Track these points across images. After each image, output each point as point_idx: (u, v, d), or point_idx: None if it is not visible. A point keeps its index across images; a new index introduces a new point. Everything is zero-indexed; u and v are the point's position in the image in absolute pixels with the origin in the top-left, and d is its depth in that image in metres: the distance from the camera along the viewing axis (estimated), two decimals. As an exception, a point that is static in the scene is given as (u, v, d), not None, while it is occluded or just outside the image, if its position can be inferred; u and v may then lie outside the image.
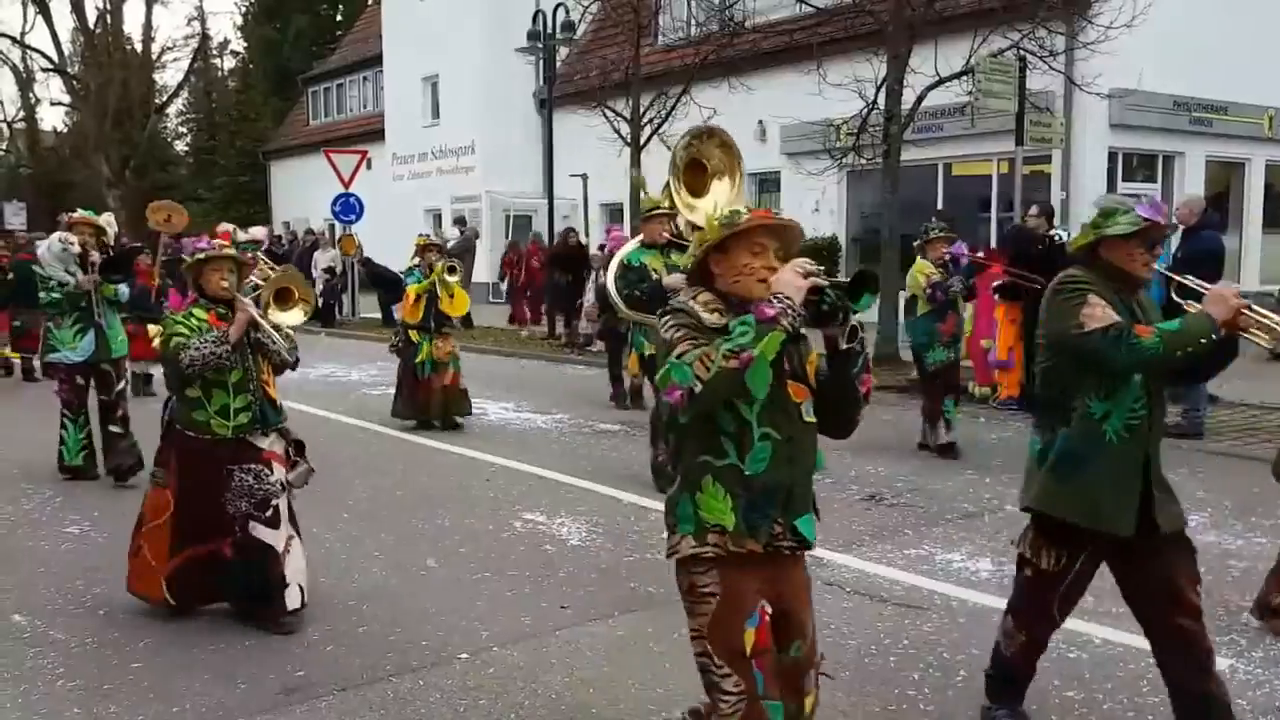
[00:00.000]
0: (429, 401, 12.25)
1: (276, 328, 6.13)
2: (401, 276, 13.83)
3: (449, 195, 32.63)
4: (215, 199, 46.05)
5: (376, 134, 36.45)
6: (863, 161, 17.76)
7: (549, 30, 22.93)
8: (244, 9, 53.09)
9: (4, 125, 61.40)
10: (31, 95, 58.74)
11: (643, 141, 20.65)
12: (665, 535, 3.81)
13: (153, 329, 6.07)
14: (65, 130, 59.56)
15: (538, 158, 27.61)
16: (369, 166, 27.11)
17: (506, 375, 16.99)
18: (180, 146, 59.47)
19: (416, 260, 12.48)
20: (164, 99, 55.90)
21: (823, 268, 3.63)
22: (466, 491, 9.33)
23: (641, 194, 9.33)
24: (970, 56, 15.89)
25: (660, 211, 8.86)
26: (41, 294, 9.50)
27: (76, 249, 9.38)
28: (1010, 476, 9.40)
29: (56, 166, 56.40)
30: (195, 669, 5.51)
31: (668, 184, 8.45)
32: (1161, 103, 19.69)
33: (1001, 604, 6.31)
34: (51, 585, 6.86)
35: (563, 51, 26.16)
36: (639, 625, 6.10)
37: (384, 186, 33.80)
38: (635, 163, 20.60)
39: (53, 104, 68.08)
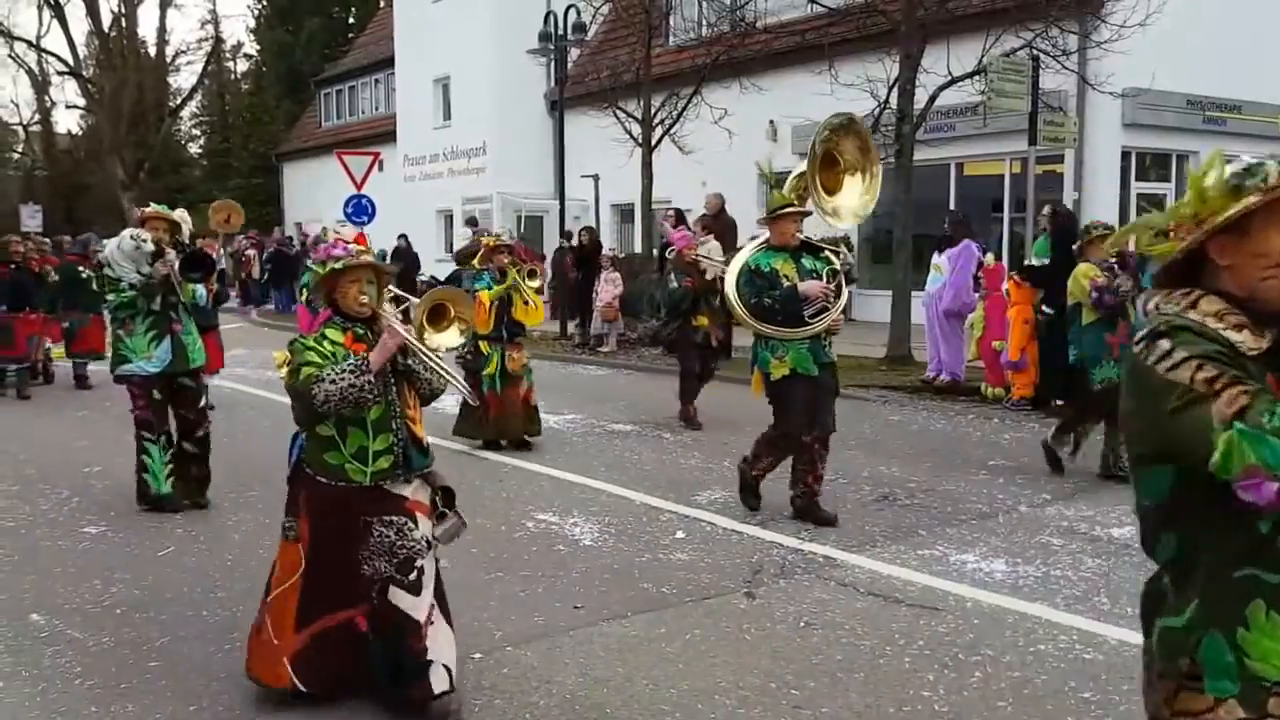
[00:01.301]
0: (501, 419, 11.08)
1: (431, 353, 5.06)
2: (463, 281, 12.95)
3: (460, 196, 32.64)
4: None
5: (388, 135, 36.49)
6: (874, 162, 17.70)
7: (560, 31, 22.97)
8: (257, 12, 53.28)
9: (20, 128, 61.60)
10: (47, 98, 59.02)
11: (654, 142, 20.66)
12: (1152, 671, 2.56)
13: (278, 356, 4.83)
14: (80, 133, 59.74)
15: (549, 159, 27.67)
16: (381, 168, 27.06)
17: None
18: (194, 149, 59.67)
19: (480, 262, 11.30)
20: (178, 102, 56.09)
21: None
22: (479, 492, 9.32)
23: (768, 189, 8.26)
24: (983, 56, 15.86)
25: (792, 210, 7.99)
26: (110, 296, 8.39)
27: (150, 246, 8.32)
28: (1024, 477, 9.44)
29: (72, 169, 56.58)
30: (212, 668, 5.53)
31: (796, 177, 8.11)
32: (1175, 102, 19.64)
33: (1015, 604, 6.36)
34: (69, 585, 6.88)
35: (574, 52, 26.19)
36: (652, 625, 6.10)
37: (396, 188, 33.83)
38: (647, 164, 20.62)
39: (68, 107, 68.45)
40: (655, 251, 19.83)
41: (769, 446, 8.37)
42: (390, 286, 5.30)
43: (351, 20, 52.04)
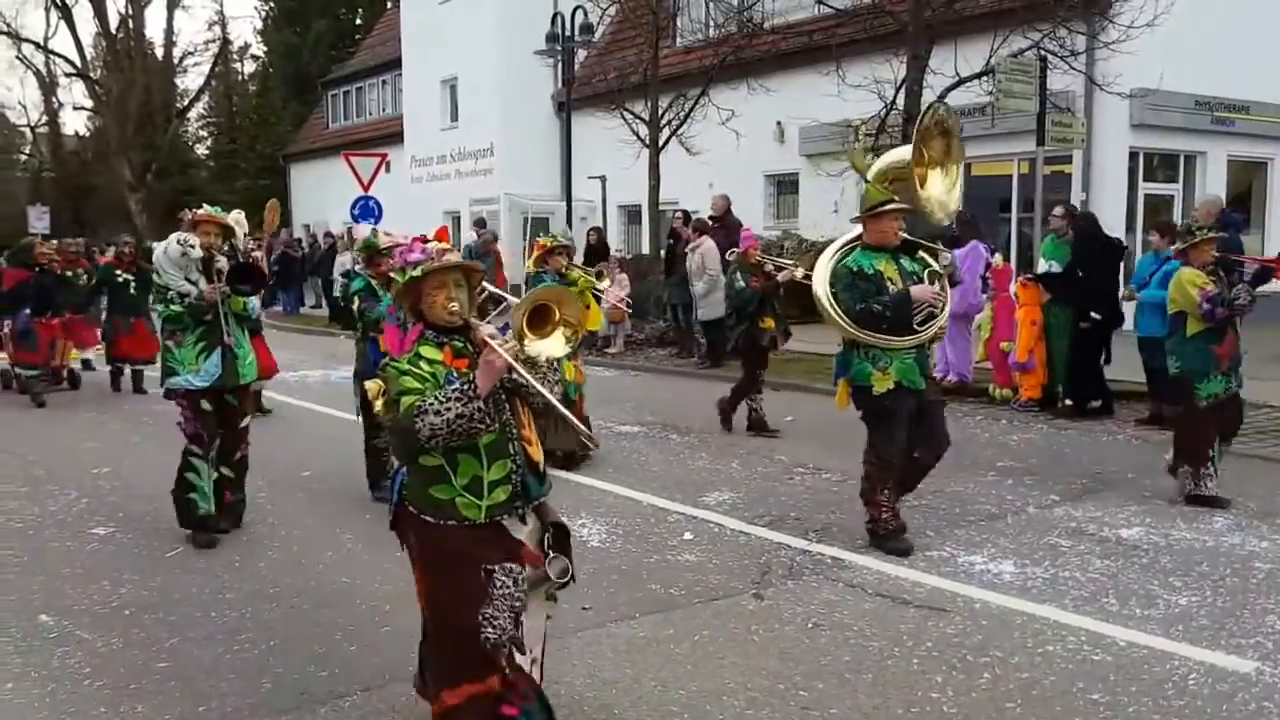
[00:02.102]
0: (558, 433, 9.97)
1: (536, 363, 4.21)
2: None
3: (467, 197, 32.67)
4: (235, 202, 46.03)
5: (395, 137, 36.51)
6: (882, 163, 17.70)
7: (567, 32, 22.97)
8: (264, 14, 53.29)
9: (28, 130, 61.79)
10: (54, 100, 59.18)
11: (661, 143, 20.66)
12: None
13: (371, 386, 4.34)
14: (87, 134, 59.85)
15: (556, 160, 27.66)
16: (388, 169, 27.10)
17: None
18: (201, 150, 59.71)
19: (536, 265, 10.69)
20: (185, 103, 56.20)
21: None
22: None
23: (863, 183, 7.69)
24: (990, 57, 15.85)
25: (894, 206, 7.34)
26: (158, 306, 7.87)
27: (198, 253, 7.75)
28: (1032, 479, 9.42)
29: (79, 170, 56.71)
30: (220, 669, 5.55)
31: (882, 171, 7.78)
32: (1183, 102, 19.60)
33: (1023, 605, 6.36)
34: (78, 586, 6.90)
35: (581, 54, 26.19)
36: (660, 627, 6.11)
37: (403, 189, 33.87)
38: (654, 165, 20.61)
39: (75, 108, 68.53)
40: (662, 253, 19.83)
41: (878, 476, 7.55)
42: (485, 284, 4.68)
43: (359, 21, 52.03)
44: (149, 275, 15.17)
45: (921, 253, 7.55)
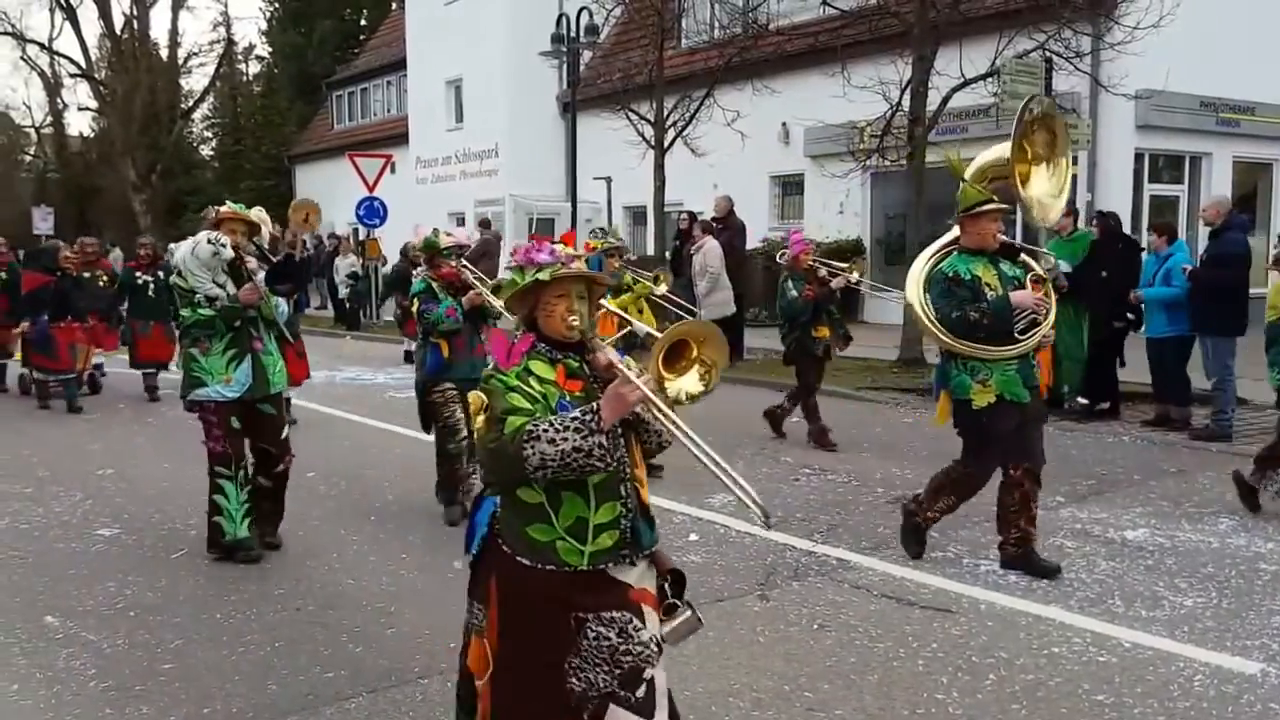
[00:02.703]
0: None
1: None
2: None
3: (473, 198, 32.68)
4: (241, 203, 46.20)
5: (400, 138, 36.54)
6: (886, 163, 17.72)
7: (572, 33, 22.96)
8: (269, 14, 53.31)
9: (32, 131, 61.93)
10: (59, 101, 59.31)
11: (667, 145, 20.66)
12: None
13: (474, 399, 3.69)
14: (92, 135, 59.92)
15: (561, 161, 27.66)
16: (393, 170, 27.15)
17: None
18: (206, 151, 59.69)
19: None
20: (190, 104, 56.20)
21: None
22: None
23: (961, 183, 7.11)
24: (995, 58, 15.84)
25: (993, 206, 6.85)
26: (184, 311, 7.17)
27: (229, 252, 7.17)
28: (1038, 479, 9.38)
29: (84, 171, 56.79)
30: (225, 670, 5.54)
31: (981, 169, 7.24)
32: (1188, 103, 19.59)
33: (1029, 607, 6.35)
34: (83, 587, 6.89)
35: (586, 55, 26.18)
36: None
37: (408, 190, 33.89)
38: (659, 166, 20.60)
39: (80, 109, 68.77)
40: (668, 254, 19.82)
41: (955, 486, 7.25)
42: (603, 300, 4.25)
43: (363, 22, 52.07)
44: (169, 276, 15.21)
45: (1023, 256, 7.17)
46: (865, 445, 10.82)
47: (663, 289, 10.65)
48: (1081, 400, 12.32)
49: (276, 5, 52.11)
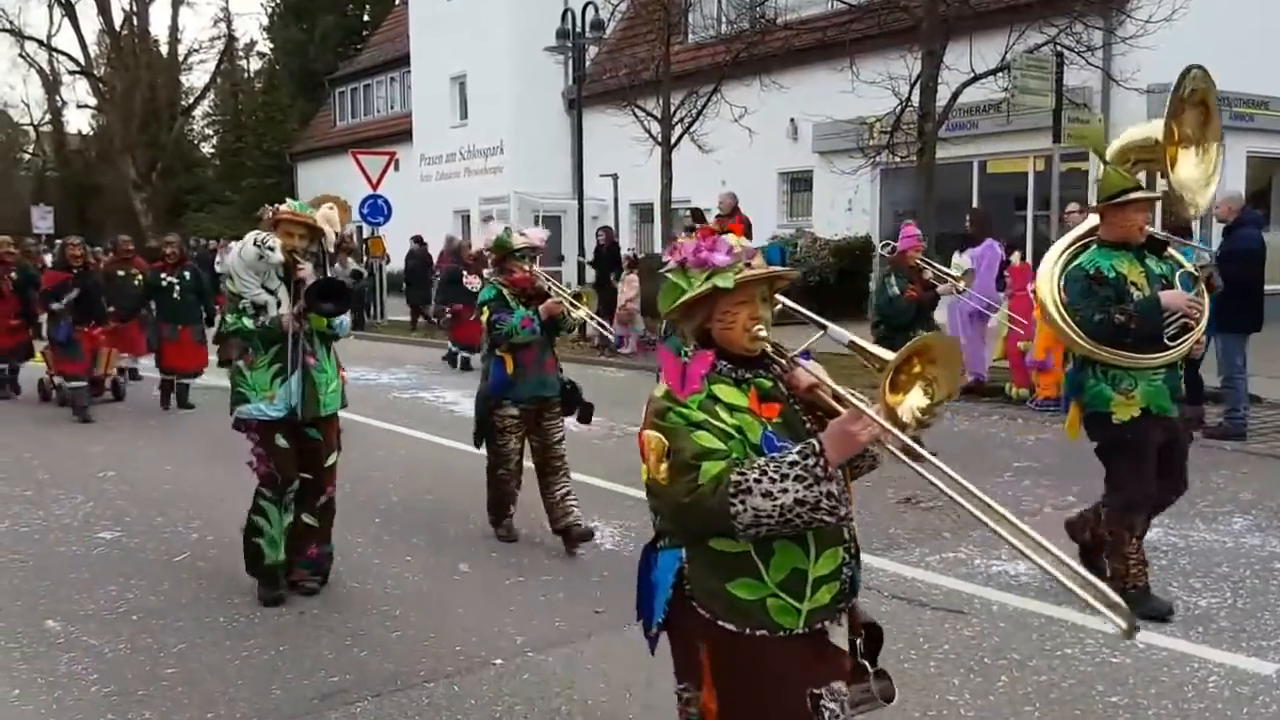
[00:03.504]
0: None
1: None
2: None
3: (477, 196, 32.64)
4: (242, 201, 46.21)
5: (404, 135, 36.53)
6: (896, 160, 17.64)
7: (578, 29, 22.91)
8: (270, 10, 53.39)
9: (31, 128, 62.06)
10: (58, 98, 59.47)
11: (673, 141, 20.58)
12: None
13: (653, 441, 2.98)
14: (92, 133, 60.06)
15: (567, 158, 27.64)
16: (396, 168, 27.14)
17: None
18: (206, 149, 59.92)
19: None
20: (190, 101, 56.35)
21: None
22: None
23: (1101, 165, 6.40)
24: (1006, 52, 15.74)
25: (1141, 195, 6.13)
26: (229, 318, 6.59)
27: (278, 256, 6.46)
28: (1050, 479, 9.33)
29: (83, 169, 56.95)
30: (229, 674, 5.50)
31: (1124, 150, 6.55)
32: (1201, 98, 19.46)
33: (1041, 607, 6.27)
34: (84, 591, 6.86)
35: (592, 50, 26.15)
36: (675, 631, 6.03)
37: (412, 187, 33.86)
38: (666, 163, 20.52)
39: (79, 107, 68.94)
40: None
41: (1124, 522, 6.29)
42: (780, 297, 3.36)
43: (366, 18, 52.09)
44: (200, 279, 14.53)
45: (1171, 250, 6.47)
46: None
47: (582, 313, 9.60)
48: None
49: (278, 1, 52.14)
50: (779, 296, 3.30)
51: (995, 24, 16.95)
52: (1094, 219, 6.46)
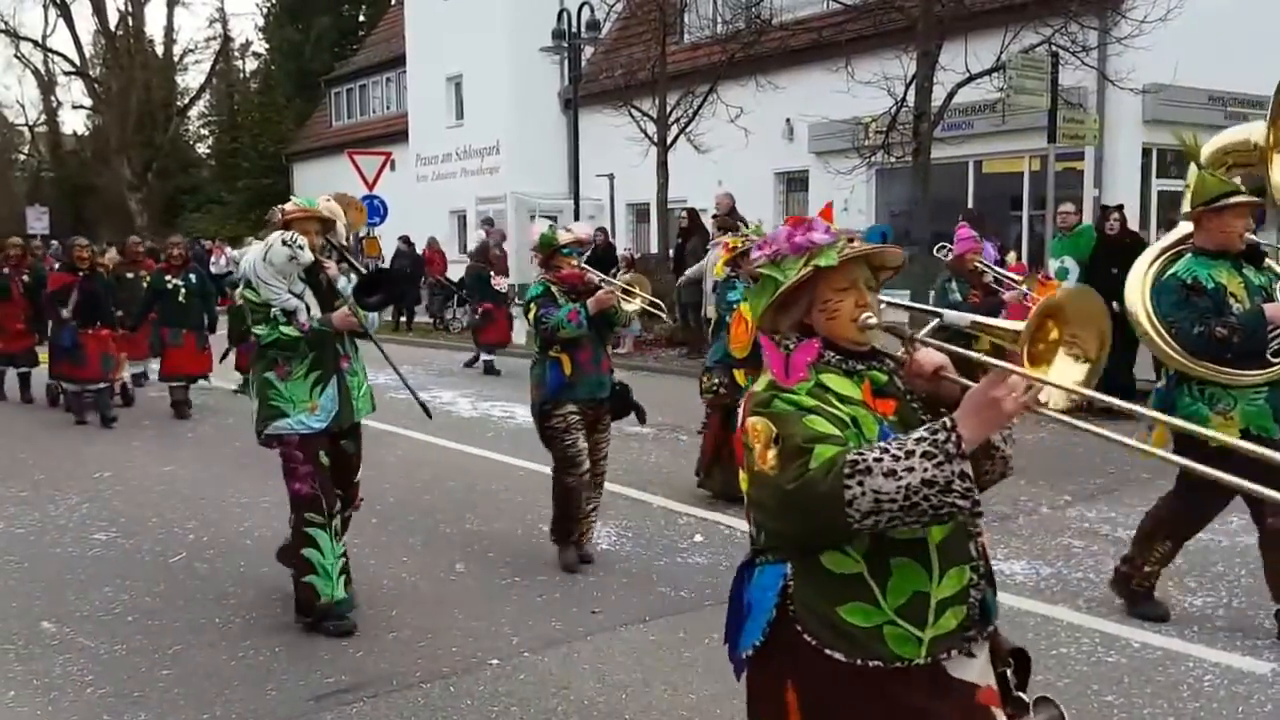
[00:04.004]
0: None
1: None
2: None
3: (474, 196, 32.63)
4: (238, 202, 46.29)
5: (400, 135, 36.49)
6: (892, 160, 17.68)
7: (574, 29, 22.91)
8: (266, 10, 53.32)
9: (26, 129, 61.95)
10: (53, 98, 59.36)
11: (669, 141, 20.60)
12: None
13: (759, 428, 2.66)
14: (87, 133, 59.95)
15: (563, 158, 27.66)
16: (392, 168, 27.09)
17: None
18: (202, 149, 59.82)
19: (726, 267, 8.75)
20: (186, 101, 56.28)
21: None
22: (494, 495, 9.30)
23: (1195, 171, 6.07)
24: (1001, 52, 15.81)
25: (1242, 199, 5.74)
26: (259, 330, 5.97)
27: (307, 255, 5.96)
28: (1044, 478, 9.32)
29: (78, 170, 56.83)
30: (225, 675, 5.50)
31: (1220, 151, 6.29)
32: (1196, 97, 19.48)
33: (1036, 606, 6.28)
34: (80, 592, 6.85)
35: (588, 50, 26.15)
36: (670, 630, 6.07)
37: (408, 188, 33.84)
38: (662, 163, 20.54)
39: (74, 107, 68.56)
40: (671, 251, 19.78)
41: (1172, 526, 6.08)
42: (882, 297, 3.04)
43: (362, 18, 51.99)
44: (205, 281, 14.04)
45: (1269, 261, 6.03)
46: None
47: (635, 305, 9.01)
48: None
49: (273, 1, 52.09)
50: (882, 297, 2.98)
51: (990, 24, 17.02)
52: (1185, 227, 6.07)
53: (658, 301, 8.34)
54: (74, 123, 76.85)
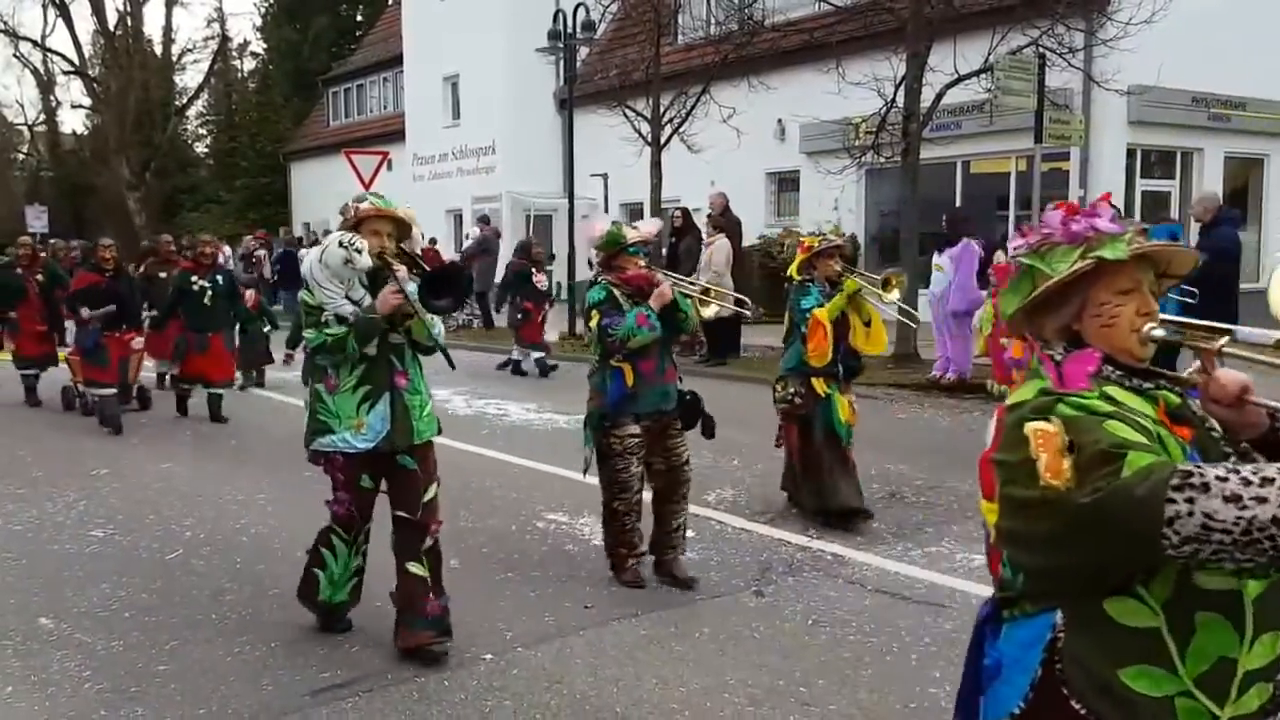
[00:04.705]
0: (833, 483, 7.96)
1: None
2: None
3: (470, 195, 32.67)
4: (236, 201, 46.23)
5: (397, 134, 36.50)
6: (881, 160, 17.76)
7: (569, 30, 22.95)
8: (264, 10, 53.29)
9: (25, 128, 61.80)
10: (52, 98, 59.21)
11: (663, 141, 20.67)
12: None
13: (1049, 432, 2.11)
14: (86, 133, 59.83)
15: (558, 157, 27.66)
16: (389, 167, 27.08)
17: (529, 375, 17.06)
18: (200, 148, 59.71)
19: (800, 270, 8.15)
20: (184, 101, 56.18)
21: None
22: (488, 492, 9.34)
23: None
24: (989, 54, 15.89)
25: None
26: (308, 333, 5.55)
27: (366, 260, 5.41)
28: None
29: (77, 169, 56.67)
30: (221, 671, 5.54)
31: None
32: (1180, 99, 19.61)
33: (1023, 603, 6.36)
34: (77, 589, 6.90)
35: (583, 51, 26.17)
36: (662, 625, 6.12)
37: (405, 187, 33.83)
38: (656, 163, 20.61)
39: (74, 107, 68.60)
40: (664, 250, 19.84)
41: None
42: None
43: (359, 18, 51.99)
44: (233, 284, 13.55)
45: None
46: (860, 441, 10.82)
47: (895, 296, 8.39)
48: None
49: (271, 1, 52.06)
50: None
51: (979, 26, 17.10)
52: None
53: (744, 299, 8.10)
54: (73, 122, 76.93)
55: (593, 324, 6.62)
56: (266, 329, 15.25)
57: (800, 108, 22.04)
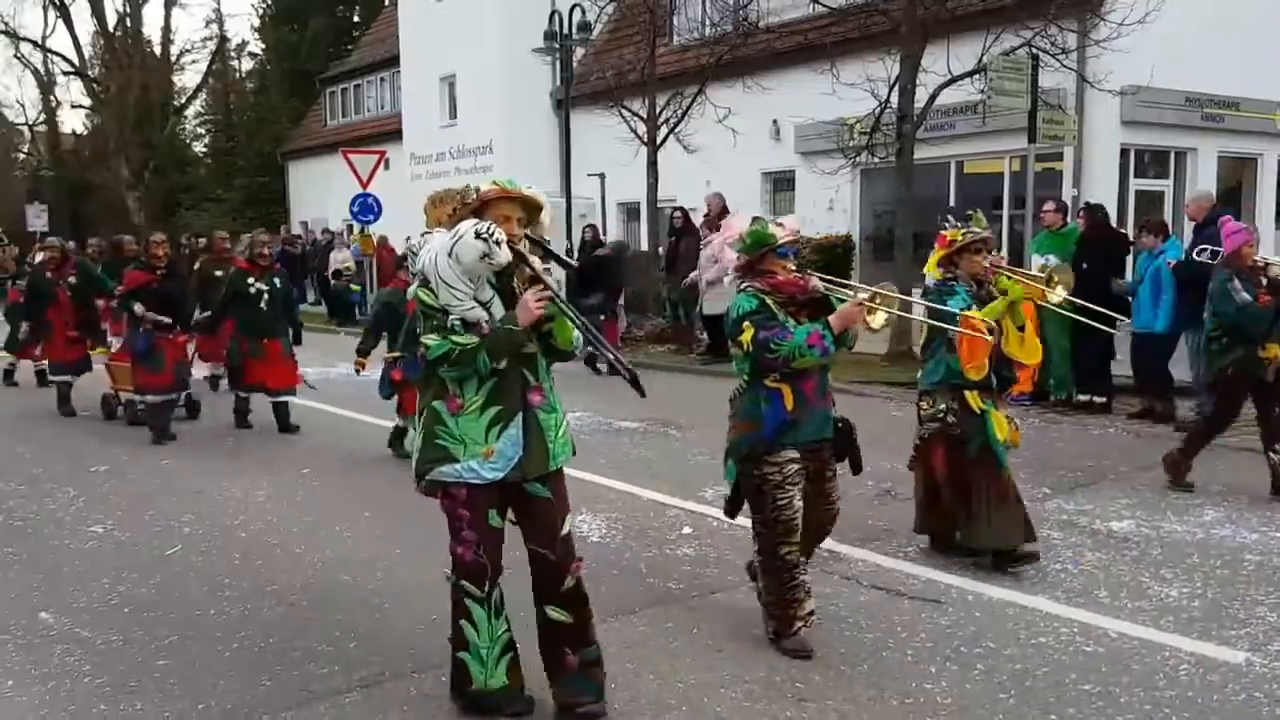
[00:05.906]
0: (1002, 516, 6.79)
1: None
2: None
3: (467, 195, 32.65)
4: (234, 200, 46.20)
5: (394, 134, 36.48)
6: (876, 160, 17.81)
7: (565, 30, 22.99)
8: (261, 11, 53.22)
9: (26, 128, 61.73)
10: (52, 98, 59.11)
11: (659, 141, 20.71)
12: None
13: None
14: (86, 133, 59.80)
15: (555, 157, 27.67)
16: (387, 166, 27.10)
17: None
18: (199, 148, 59.62)
19: (940, 267, 7.07)
20: (183, 101, 56.18)
21: None
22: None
23: None
24: (983, 55, 15.92)
25: None
26: (430, 340, 4.53)
27: (504, 255, 4.47)
28: (1024, 471, 9.41)
29: (77, 168, 56.61)
30: (220, 667, 5.56)
31: None
32: (1173, 99, 19.64)
33: (1017, 597, 6.40)
34: (77, 584, 6.92)
35: (579, 52, 26.19)
36: (658, 621, 6.14)
37: (402, 186, 33.80)
38: (652, 163, 20.66)
39: (73, 107, 68.46)
40: (661, 250, 19.88)
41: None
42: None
43: (357, 19, 51.95)
44: (290, 287, 12.69)
45: None
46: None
47: (1059, 296, 7.16)
48: (1080, 397, 12.34)
49: (269, 2, 52.01)
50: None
51: (972, 27, 17.15)
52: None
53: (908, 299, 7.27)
54: (73, 122, 76.68)
55: (744, 338, 5.45)
56: None
57: (795, 108, 22.08)
